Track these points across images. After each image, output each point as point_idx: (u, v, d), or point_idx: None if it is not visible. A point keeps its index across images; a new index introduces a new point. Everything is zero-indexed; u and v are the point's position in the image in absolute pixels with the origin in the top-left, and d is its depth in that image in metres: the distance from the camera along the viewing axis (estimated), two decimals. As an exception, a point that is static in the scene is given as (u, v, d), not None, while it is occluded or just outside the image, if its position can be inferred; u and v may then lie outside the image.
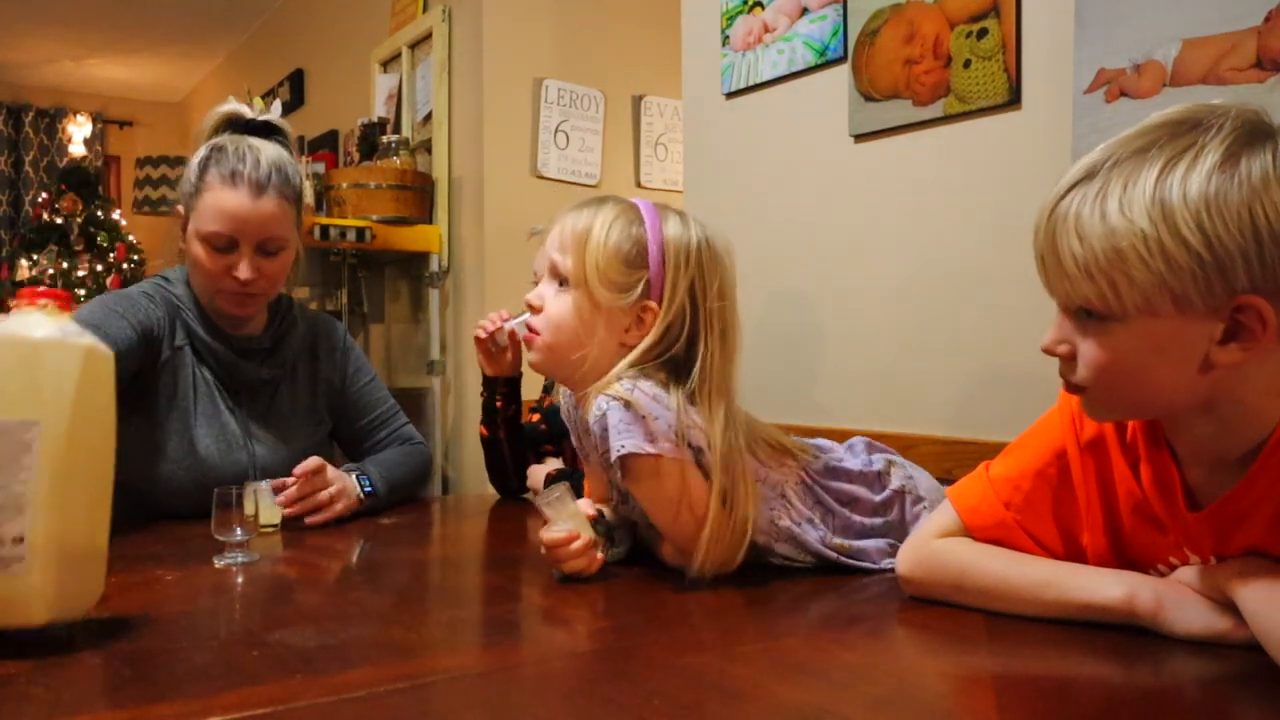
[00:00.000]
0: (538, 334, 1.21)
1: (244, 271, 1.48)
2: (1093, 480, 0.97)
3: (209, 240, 1.48)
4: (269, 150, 1.53)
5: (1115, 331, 0.82)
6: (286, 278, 1.59)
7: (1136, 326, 0.81)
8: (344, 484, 1.52)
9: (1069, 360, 0.87)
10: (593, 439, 1.15)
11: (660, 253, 1.17)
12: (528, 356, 1.26)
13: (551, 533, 1.12)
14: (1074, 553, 0.99)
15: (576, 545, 1.11)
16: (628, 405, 1.09)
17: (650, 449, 1.09)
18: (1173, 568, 0.93)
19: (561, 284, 1.19)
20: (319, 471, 1.47)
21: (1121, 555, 0.97)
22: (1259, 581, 0.83)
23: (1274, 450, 0.84)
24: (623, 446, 1.09)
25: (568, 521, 1.12)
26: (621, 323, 1.18)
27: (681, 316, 1.17)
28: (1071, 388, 0.89)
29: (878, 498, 1.22)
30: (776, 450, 1.21)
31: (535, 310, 1.21)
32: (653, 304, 1.17)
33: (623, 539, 1.22)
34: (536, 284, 1.69)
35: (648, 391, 1.11)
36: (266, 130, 1.60)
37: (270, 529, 1.41)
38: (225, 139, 1.53)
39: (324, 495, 1.48)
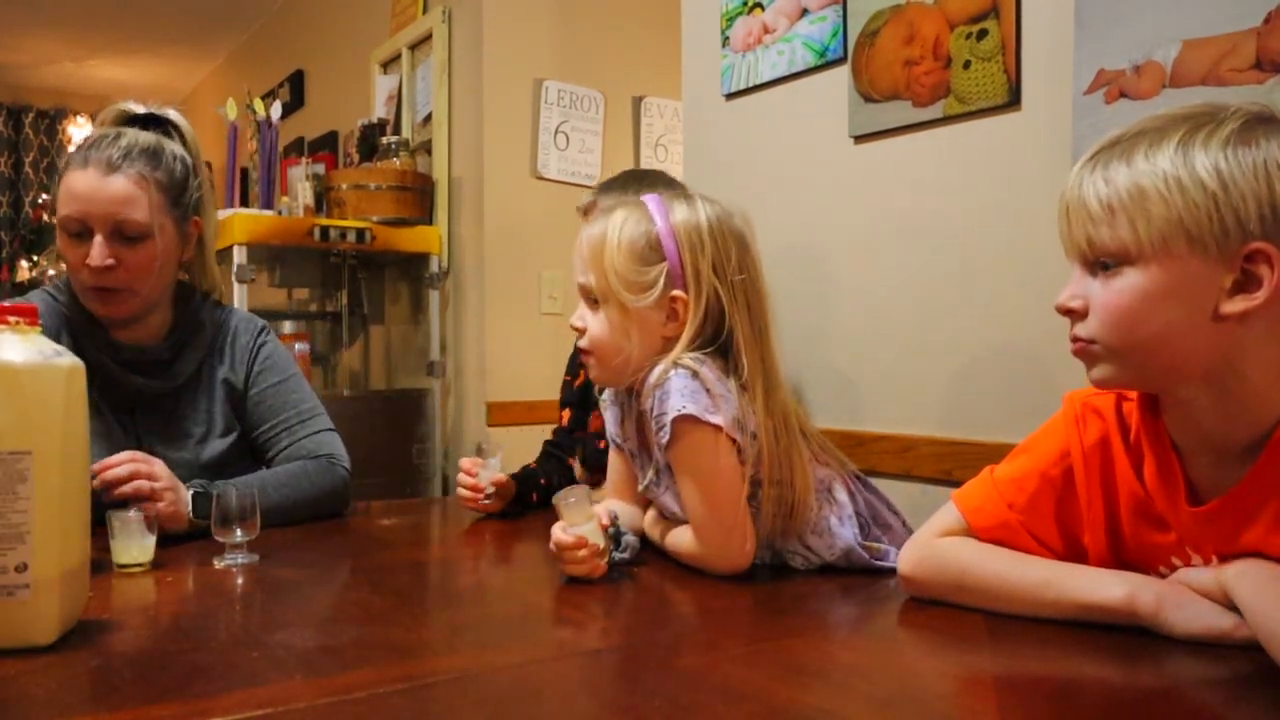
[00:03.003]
0: (590, 354, 1.24)
1: (95, 257, 1.36)
2: (1095, 481, 0.97)
3: (64, 226, 1.40)
4: (140, 136, 1.45)
5: (1130, 276, 0.85)
6: (163, 279, 1.46)
7: (1152, 270, 0.84)
8: (179, 494, 1.32)
9: (1082, 316, 0.89)
10: (647, 404, 1.16)
11: (674, 241, 1.18)
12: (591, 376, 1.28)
13: (561, 535, 1.13)
14: (1076, 554, 0.99)
15: (582, 553, 1.12)
16: (695, 375, 1.12)
17: (711, 418, 1.11)
18: (1174, 569, 0.93)
19: (594, 303, 1.22)
20: (149, 461, 1.30)
21: (1122, 557, 0.97)
22: (1260, 582, 0.83)
23: (1276, 448, 0.84)
24: (684, 407, 1.11)
25: (582, 525, 1.13)
26: (656, 319, 1.19)
27: (715, 297, 1.18)
28: (1081, 345, 0.90)
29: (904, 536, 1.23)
30: (825, 450, 1.24)
31: (580, 332, 1.24)
32: (680, 294, 1.18)
33: (631, 545, 1.23)
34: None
35: (713, 370, 1.14)
36: (155, 123, 1.53)
37: (136, 568, 1.17)
38: (101, 130, 1.48)
39: (145, 485, 1.27)
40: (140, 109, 1.54)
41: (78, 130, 6.53)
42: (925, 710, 0.78)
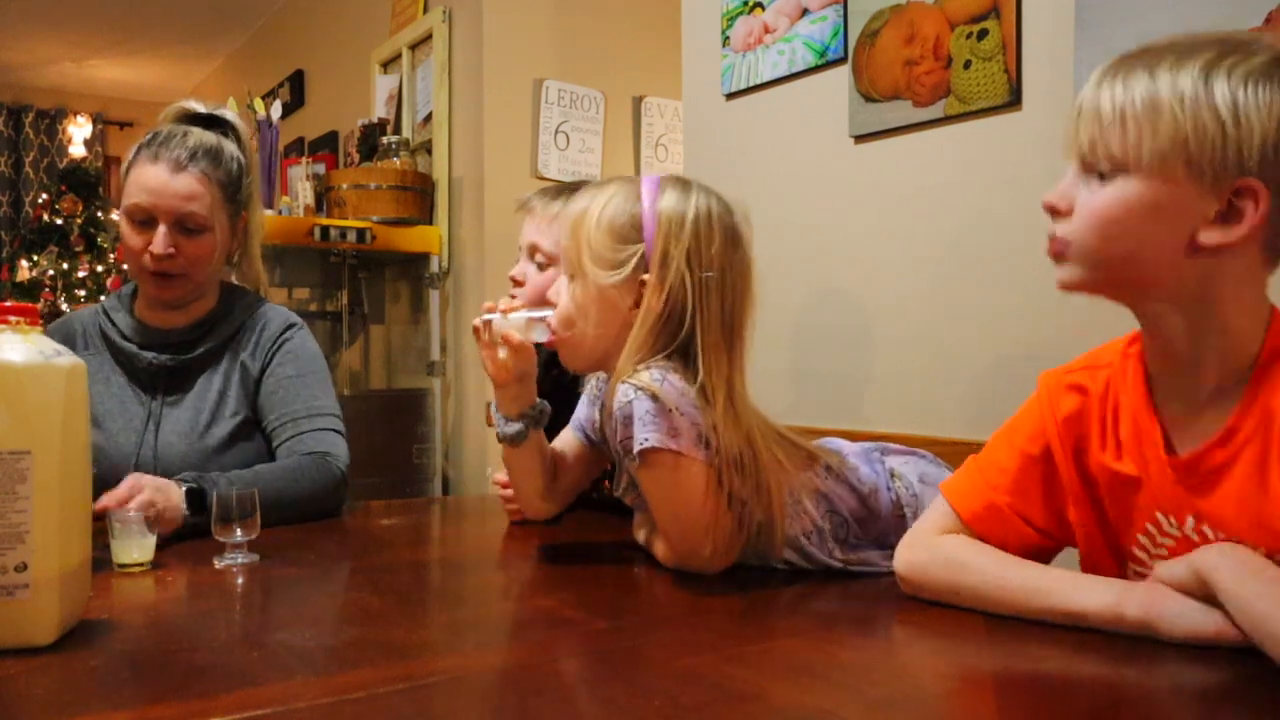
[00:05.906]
0: (553, 333, 1.21)
1: (157, 245, 1.47)
2: (1070, 452, 0.98)
3: (130, 215, 1.50)
4: (204, 136, 1.55)
5: (1121, 185, 0.86)
6: (216, 267, 1.57)
7: (1143, 183, 0.85)
8: (170, 495, 1.29)
9: (1065, 215, 0.90)
10: (614, 424, 1.15)
11: (655, 224, 1.14)
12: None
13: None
14: (1064, 530, 1.00)
15: (485, 330, 1.20)
16: (655, 397, 1.08)
17: (672, 445, 1.08)
18: (1155, 528, 0.93)
19: (571, 277, 1.19)
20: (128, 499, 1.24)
21: (1105, 526, 0.98)
22: (1237, 573, 0.83)
23: (1250, 399, 0.85)
24: (646, 440, 1.08)
25: (517, 322, 1.18)
26: (622, 302, 1.15)
27: (682, 288, 1.13)
28: (1057, 244, 0.91)
29: (886, 517, 1.20)
30: (795, 452, 1.19)
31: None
32: (648, 277, 1.14)
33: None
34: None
35: (676, 386, 1.10)
36: (214, 123, 1.61)
37: (136, 568, 1.17)
38: (167, 126, 1.57)
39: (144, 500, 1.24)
40: (201, 108, 1.63)
41: (78, 130, 6.53)
42: (925, 710, 0.78)
